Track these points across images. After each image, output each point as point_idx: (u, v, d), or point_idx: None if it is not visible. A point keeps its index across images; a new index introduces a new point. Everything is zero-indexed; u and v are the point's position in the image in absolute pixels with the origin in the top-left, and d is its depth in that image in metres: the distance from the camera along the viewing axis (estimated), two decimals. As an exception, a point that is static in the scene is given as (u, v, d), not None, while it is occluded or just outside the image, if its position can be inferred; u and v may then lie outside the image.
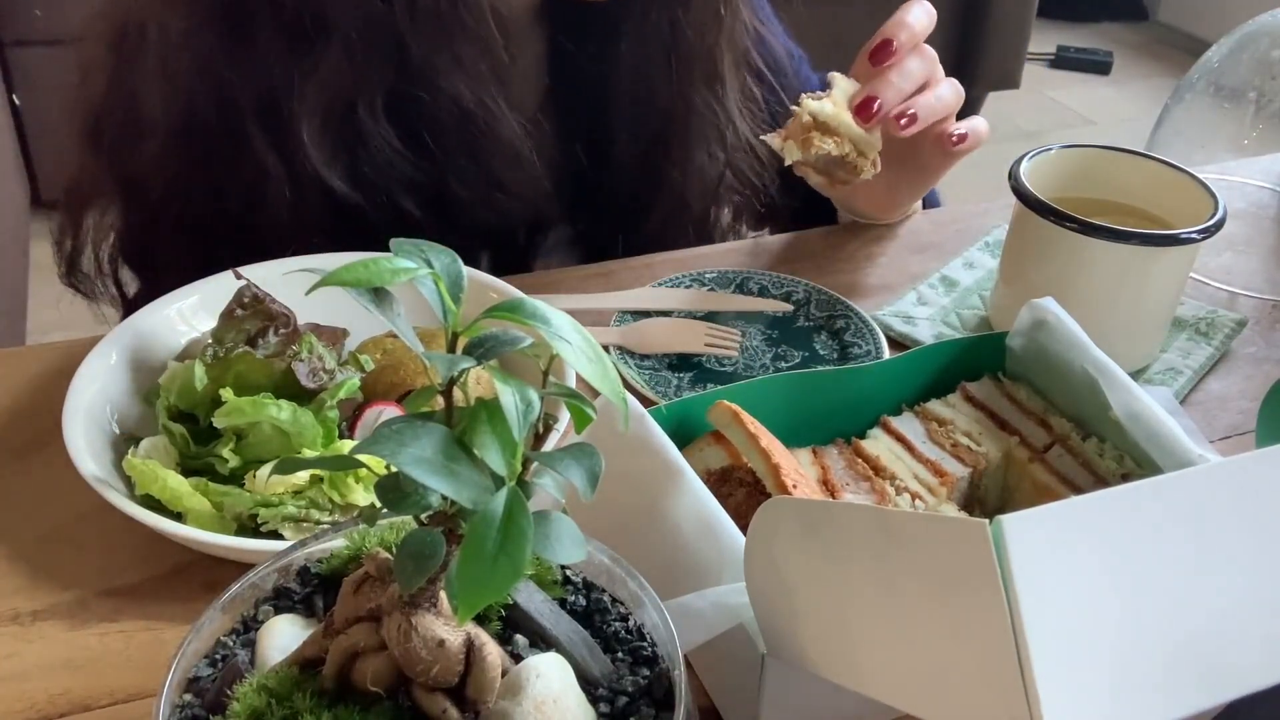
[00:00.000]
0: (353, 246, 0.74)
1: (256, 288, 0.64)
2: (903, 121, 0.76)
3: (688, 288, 0.84)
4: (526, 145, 0.80)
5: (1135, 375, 0.76)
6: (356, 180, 0.77)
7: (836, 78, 0.78)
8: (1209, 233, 0.71)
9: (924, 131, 0.79)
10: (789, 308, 0.81)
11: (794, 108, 0.76)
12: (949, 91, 0.79)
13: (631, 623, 0.42)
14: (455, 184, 0.80)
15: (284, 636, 0.40)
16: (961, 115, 0.82)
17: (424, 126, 0.78)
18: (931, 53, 0.79)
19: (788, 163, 0.77)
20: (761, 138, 0.79)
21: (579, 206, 0.89)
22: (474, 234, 0.84)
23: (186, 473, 0.59)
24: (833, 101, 0.76)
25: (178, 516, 0.57)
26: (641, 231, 0.90)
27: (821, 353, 0.79)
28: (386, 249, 0.35)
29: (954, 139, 0.81)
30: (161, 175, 0.78)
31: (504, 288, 0.72)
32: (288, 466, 0.38)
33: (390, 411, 0.63)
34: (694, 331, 0.78)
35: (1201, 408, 0.75)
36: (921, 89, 0.78)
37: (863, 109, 0.76)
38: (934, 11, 0.79)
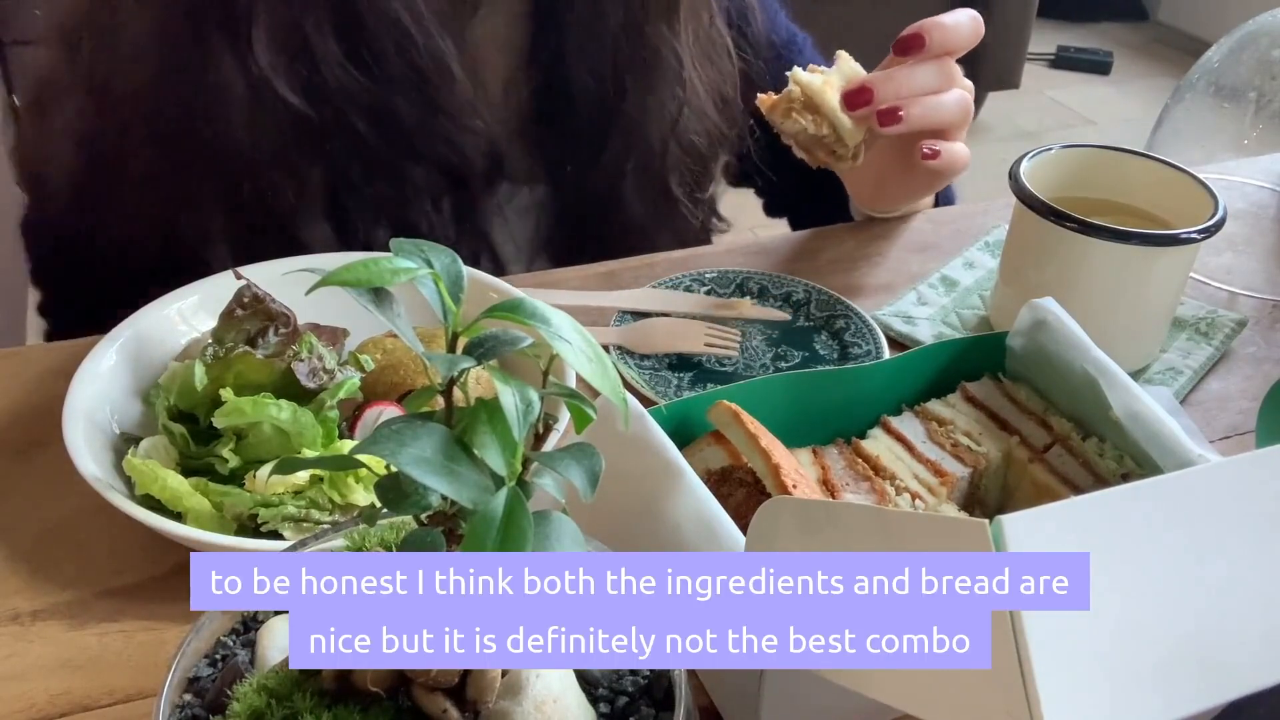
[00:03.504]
0: (311, 173, 0.78)
1: (256, 287, 0.64)
2: (888, 118, 0.75)
3: (688, 288, 0.84)
4: (459, 63, 0.81)
5: (1135, 375, 0.76)
6: (310, 96, 0.79)
7: (842, 57, 0.78)
8: (1209, 233, 0.71)
9: (916, 137, 0.78)
10: (786, 317, 0.81)
11: (788, 74, 0.76)
12: (952, 101, 0.78)
13: (631, 623, 0.42)
14: (401, 105, 0.81)
15: (284, 636, 0.40)
16: None
17: (365, 45, 0.79)
18: (954, 67, 0.78)
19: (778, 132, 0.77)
20: (757, 98, 0.78)
21: (535, 135, 0.90)
22: (432, 165, 0.85)
23: (186, 473, 0.59)
24: (826, 80, 0.76)
25: (178, 516, 0.57)
26: (600, 164, 0.90)
27: (821, 353, 0.79)
28: (345, 174, 0.35)
29: (926, 151, 0.78)
30: (133, 81, 0.80)
31: (504, 288, 0.72)
32: (288, 466, 0.38)
33: (390, 411, 0.63)
34: (694, 331, 0.78)
35: (1201, 408, 0.75)
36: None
37: (852, 97, 0.75)
38: (982, 25, 0.78)
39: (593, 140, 0.89)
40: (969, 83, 0.81)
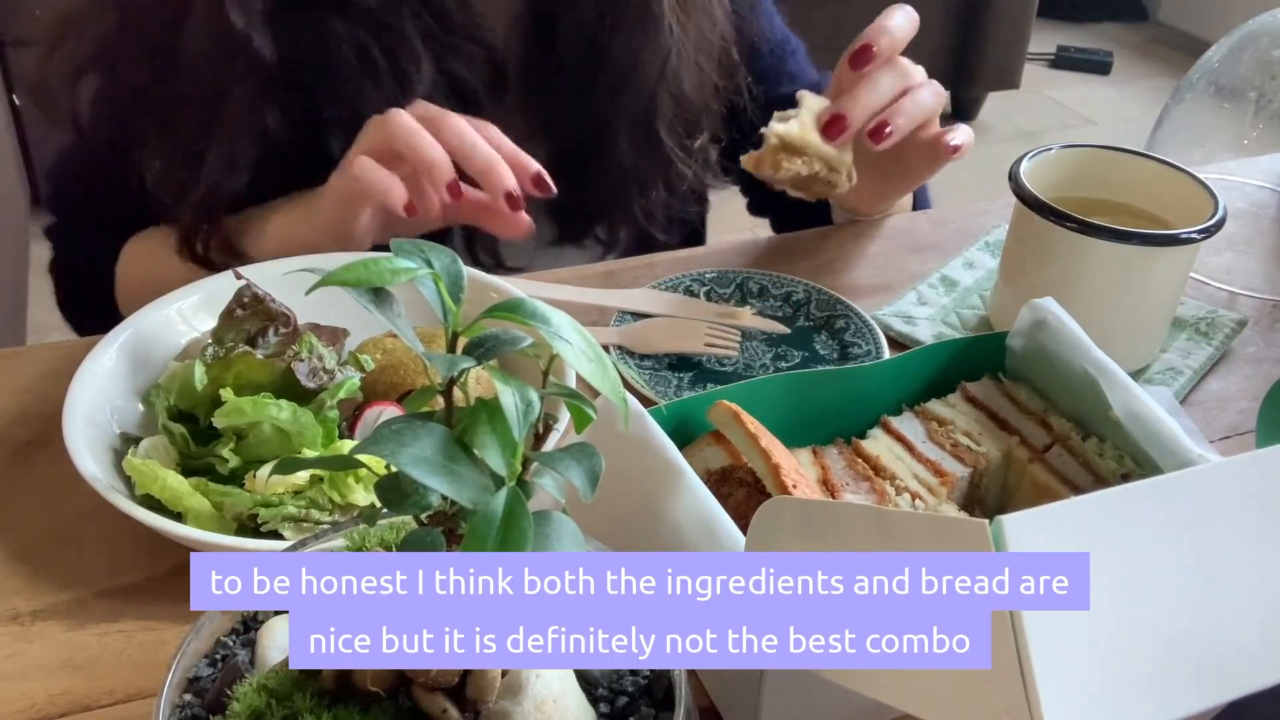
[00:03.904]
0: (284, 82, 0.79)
1: (256, 287, 0.64)
2: (879, 135, 0.78)
3: (688, 288, 0.84)
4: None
5: (1135, 375, 0.76)
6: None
7: (805, 96, 0.80)
8: (1209, 233, 0.71)
9: (906, 138, 0.79)
10: (786, 330, 0.81)
11: (763, 131, 0.77)
12: (927, 96, 0.80)
13: (631, 623, 0.42)
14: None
15: (284, 636, 0.40)
16: (961, 116, 0.83)
17: None
18: (907, 64, 0.80)
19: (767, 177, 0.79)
20: (741, 159, 0.79)
21: (525, 80, 0.91)
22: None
23: (186, 473, 0.59)
24: (800, 122, 0.77)
25: (178, 516, 0.57)
26: (589, 109, 0.91)
27: (821, 353, 0.79)
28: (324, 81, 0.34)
29: (951, 148, 0.81)
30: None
31: (504, 287, 0.72)
32: (288, 466, 0.38)
33: (390, 411, 0.63)
34: (694, 331, 0.78)
35: (1201, 408, 0.75)
36: (897, 99, 0.79)
37: (829, 128, 0.77)
38: (916, 17, 0.80)
39: (582, 86, 0.91)
40: (919, 68, 0.83)
